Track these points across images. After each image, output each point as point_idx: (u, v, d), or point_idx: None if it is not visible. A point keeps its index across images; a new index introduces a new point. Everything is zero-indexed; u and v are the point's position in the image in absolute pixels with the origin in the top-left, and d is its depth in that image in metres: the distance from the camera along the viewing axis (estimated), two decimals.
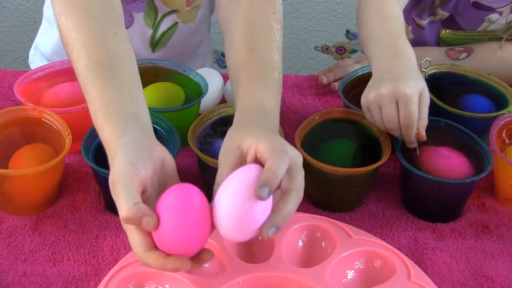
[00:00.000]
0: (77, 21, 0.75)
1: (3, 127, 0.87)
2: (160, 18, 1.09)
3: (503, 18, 1.09)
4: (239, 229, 0.64)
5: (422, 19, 1.16)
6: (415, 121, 0.81)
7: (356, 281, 0.75)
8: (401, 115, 0.81)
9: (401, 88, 0.81)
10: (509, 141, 0.91)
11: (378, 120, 0.85)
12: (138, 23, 1.09)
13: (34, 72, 0.96)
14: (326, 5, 2.13)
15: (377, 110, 0.84)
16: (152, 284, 0.72)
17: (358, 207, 0.88)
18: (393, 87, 0.81)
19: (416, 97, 0.81)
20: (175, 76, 1.00)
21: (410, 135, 0.83)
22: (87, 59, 0.72)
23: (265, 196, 0.61)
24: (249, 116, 0.73)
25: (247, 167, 0.65)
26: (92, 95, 0.71)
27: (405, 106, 0.81)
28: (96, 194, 0.87)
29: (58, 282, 0.76)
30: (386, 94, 0.82)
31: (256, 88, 0.76)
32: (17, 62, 2.16)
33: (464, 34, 1.13)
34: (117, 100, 0.70)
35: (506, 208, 0.89)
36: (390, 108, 0.82)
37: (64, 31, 0.75)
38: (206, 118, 0.90)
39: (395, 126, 0.83)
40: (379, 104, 0.83)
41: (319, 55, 2.21)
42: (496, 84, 1.00)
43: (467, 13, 1.11)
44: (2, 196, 0.82)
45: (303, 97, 1.10)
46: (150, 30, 1.10)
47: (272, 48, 0.80)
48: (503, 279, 0.78)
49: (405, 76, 0.83)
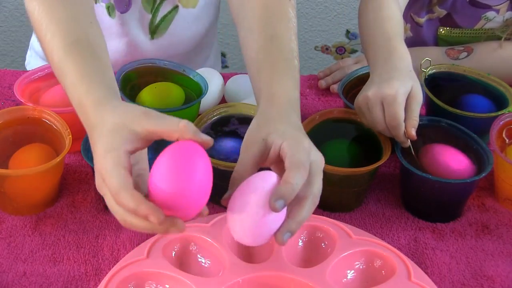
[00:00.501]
0: (50, 7, 0.74)
1: (3, 127, 0.87)
2: (160, 1, 1.06)
3: (500, 16, 1.10)
4: (252, 235, 0.65)
5: (420, 17, 1.16)
6: (400, 122, 0.82)
7: (356, 281, 0.75)
8: (386, 116, 0.82)
9: (385, 89, 0.82)
10: (509, 141, 0.91)
11: (369, 123, 0.86)
12: (136, 7, 1.06)
13: (34, 72, 0.96)
14: (326, 5, 2.13)
15: (367, 113, 0.85)
16: (152, 284, 0.72)
17: (358, 207, 0.88)
18: (378, 89, 0.83)
19: (402, 97, 0.82)
20: (175, 76, 1.00)
21: (398, 135, 0.83)
22: (65, 39, 0.71)
23: (279, 208, 0.62)
24: (276, 108, 0.73)
25: (264, 175, 0.65)
26: (71, 69, 0.69)
27: (389, 107, 0.82)
28: (96, 194, 0.87)
29: (58, 282, 0.76)
30: (372, 96, 0.83)
31: (280, 78, 0.75)
32: (17, 62, 2.16)
33: (461, 32, 1.13)
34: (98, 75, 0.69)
35: (506, 208, 0.89)
36: (376, 110, 0.83)
37: (36, 16, 0.75)
38: (206, 118, 0.90)
39: (382, 127, 0.84)
40: (367, 106, 0.84)
41: (319, 55, 2.21)
42: (496, 84, 1.00)
43: (464, 10, 1.11)
44: (2, 196, 0.82)
45: (303, 97, 1.10)
46: (149, 15, 1.07)
47: (290, 35, 0.79)
48: (503, 279, 0.78)
49: (392, 77, 0.83)
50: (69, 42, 0.71)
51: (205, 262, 0.76)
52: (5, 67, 1.89)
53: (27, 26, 2.11)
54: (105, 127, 0.63)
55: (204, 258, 0.76)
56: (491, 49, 1.10)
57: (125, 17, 1.07)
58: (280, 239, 0.64)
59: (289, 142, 0.66)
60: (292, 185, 0.63)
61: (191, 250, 0.77)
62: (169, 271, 0.72)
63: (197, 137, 0.60)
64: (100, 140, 0.63)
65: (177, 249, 0.76)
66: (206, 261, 0.76)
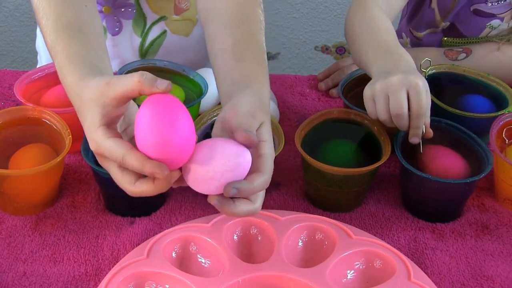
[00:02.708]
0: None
1: (3, 127, 0.87)
2: (149, 26, 1.09)
3: (504, 23, 1.09)
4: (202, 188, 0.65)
5: (419, 32, 1.17)
6: (425, 111, 0.82)
7: (356, 281, 0.75)
8: (413, 105, 0.82)
9: (413, 78, 0.82)
10: (509, 141, 0.91)
11: (381, 110, 0.83)
12: (127, 30, 1.09)
13: (34, 72, 0.96)
14: (326, 5, 2.13)
15: (382, 100, 0.83)
16: (152, 284, 0.72)
17: (358, 207, 0.88)
18: (404, 76, 0.82)
19: (426, 91, 0.82)
20: (175, 76, 1.00)
21: (419, 126, 0.83)
22: (57, 21, 0.74)
23: (230, 194, 0.63)
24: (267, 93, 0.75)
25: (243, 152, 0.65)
26: (60, 49, 0.71)
27: (417, 95, 0.81)
28: (96, 194, 0.88)
29: (58, 282, 0.76)
30: (397, 82, 0.82)
31: (265, 71, 0.78)
32: (17, 62, 2.16)
33: (466, 41, 1.13)
34: (84, 54, 0.71)
35: (505, 208, 0.89)
36: (400, 95, 0.81)
37: (36, 2, 0.77)
38: (206, 118, 0.90)
39: (402, 112, 0.82)
40: (387, 93, 0.83)
41: (319, 55, 2.21)
42: (496, 84, 1.00)
43: (468, 20, 1.11)
44: (2, 196, 0.82)
45: (303, 97, 1.10)
46: (139, 38, 1.10)
47: (262, 37, 0.82)
48: (503, 279, 0.78)
49: (414, 72, 0.84)
50: (61, 25, 0.73)
51: (205, 262, 0.76)
52: (5, 67, 1.89)
53: (27, 26, 2.11)
54: (84, 104, 0.65)
55: (204, 258, 0.76)
56: (490, 51, 1.10)
57: (116, 40, 1.10)
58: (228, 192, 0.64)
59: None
60: (253, 187, 0.65)
61: (191, 250, 0.77)
62: (169, 271, 0.72)
63: (154, 89, 0.61)
64: (86, 118, 0.65)
65: (177, 249, 0.76)
66: (206, 261, 0.76)
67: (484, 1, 1.07)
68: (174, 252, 0.76)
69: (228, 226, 0.78)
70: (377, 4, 0.99)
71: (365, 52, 0.93)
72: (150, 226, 0.82)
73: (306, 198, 0.89)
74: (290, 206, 0.87)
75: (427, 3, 1.14)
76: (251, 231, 0.79)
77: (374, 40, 0.93)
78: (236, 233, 0.79)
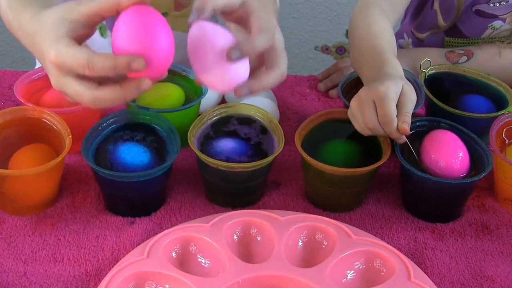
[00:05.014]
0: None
1: (3, 127, 0.87)
2: None
3: (506, 24, 1.09)
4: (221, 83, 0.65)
5: (421, 33, 1.17)
6: (392, 118, 0.81)
7: (356, 281, 0.75)
8: (379, 114, 0.82)
9: (376, 87, 0.82)
10: (509, 141, 0.91)
11: (358, 127, 0.85)
12: None
13: (34, 72, 0.96)
14: (326, 5, 2.13)
15: (358, 115, 0.84)
16: (152, 284, 0.72)
17: (358, 207, 0.88)
18: (368, 88, 0.84)
19: (393, 94, 0.82)
20: (175, 76, 1.00)
21: (391, 132, 0.82)
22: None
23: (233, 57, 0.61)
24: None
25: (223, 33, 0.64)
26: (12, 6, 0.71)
27: (380, 103, 0.81)
28: (96, 194, 0.88)
29: (58, 282, 0.76)
30: (363, 96, 0.83)
31: None
32: (17, 62, 2.16)
33: (467, 41, 1.13)
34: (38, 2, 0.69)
35: (505, 208, 0.89)
36: (368, 108, 0.83)
37: None
38: (206, 118, 0.90)
39: (374, 125, 0.82)
40: (359, 108, 0.84)
41: (319, 55, 2.21)
42: (496, 85, 1.00)
43: (470, 21, 1.10)
44: (2, 196, 0.82)
45: (303, 97, 1.10)
46: None
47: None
48: (502, 279, 0.78)
49: (384, 80, 0.84)
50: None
51: (205, 262, 0.76)
52: (5, 67, 1.89)
53: None
54: (44, 26, 0.62)
55: (204, 258, 0.76)
56: (491, 55, 1.09)
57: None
58: (239, 92, 0.64)
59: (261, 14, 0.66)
60: (253, 44, 0.63)
61: (191, 250, 0.77)
62: (169, 271, 0.72)
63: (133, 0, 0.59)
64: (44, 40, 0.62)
65: (177, 249, 0.76)
66: (206, 261, 0.76)
67: (487, 2, 1.07)
68: (174, 252, 0.76)
69: (228, 226, 0.78)
70: (378, 6, 0.99)
71: (357, 60, 0.95)
72: (150, 226, 0.83)
73: (306, 198, 0.89)
74: (290, 206, 0.87)
75: (429, 4, 1.14)
76: (251, 231, 0.79)
77: (366, 47, 0.94)
78: (236, 233, 0.79)
